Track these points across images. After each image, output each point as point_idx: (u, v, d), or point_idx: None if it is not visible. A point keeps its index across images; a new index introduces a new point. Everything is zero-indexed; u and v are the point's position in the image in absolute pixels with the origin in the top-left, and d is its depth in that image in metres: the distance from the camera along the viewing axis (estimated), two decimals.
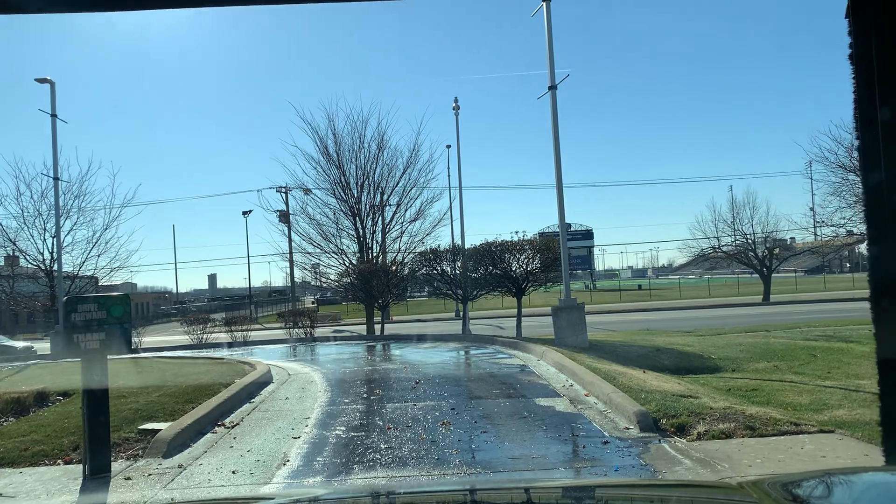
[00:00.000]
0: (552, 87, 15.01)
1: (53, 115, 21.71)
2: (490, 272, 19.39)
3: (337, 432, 7.53)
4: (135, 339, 23.97)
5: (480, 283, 20.33)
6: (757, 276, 42.07)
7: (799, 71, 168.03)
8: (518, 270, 18.88)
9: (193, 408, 8.73)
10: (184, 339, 24.54)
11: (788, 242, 49.23)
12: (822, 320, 23.41)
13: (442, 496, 2.50)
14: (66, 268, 24.89)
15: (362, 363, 14.43)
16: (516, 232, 20.66)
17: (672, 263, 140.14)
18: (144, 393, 9.93)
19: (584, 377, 9.82)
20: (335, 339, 22.57)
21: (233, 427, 8.07)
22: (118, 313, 6.05)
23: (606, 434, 6.99)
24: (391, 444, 6.86)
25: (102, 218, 25.64)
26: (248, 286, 76.83)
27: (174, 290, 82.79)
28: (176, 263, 79.06)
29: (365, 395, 9.92)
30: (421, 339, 19.59)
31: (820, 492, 1.93)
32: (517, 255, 18.70)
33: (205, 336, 23.84)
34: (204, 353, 19.64)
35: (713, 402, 8.00)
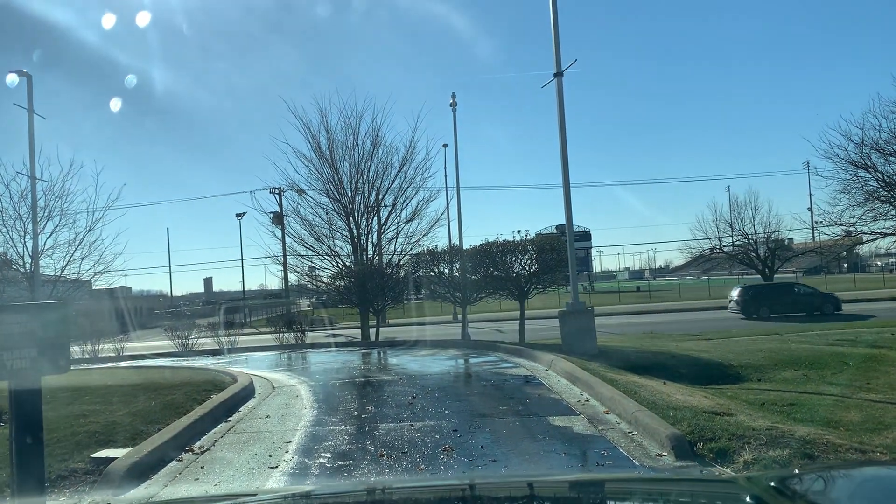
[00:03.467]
0: (558, 74, 13.96)
1: (30, 111, 20.60)
2: (490, 274, 18.37)
3: (321, 461, 6.48)
4: (117, 346, 22.87)
5: (480, 285, 19.30)
6: (758, 276, 41.09)
7: (801, 66, 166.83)
8: (520, 272, 17.86)
9: (160, 429, 7.70)
10: (172, 344, 23.44)
11: (786, 243, 48.25)
12: (833, 322, 22.51)
13: (441, 490, 2.36)
14: (49, 271, 23.79)
15: (354, 373, 13.36)
16: (518, 231, 19.59)
17: (669, 264, 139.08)
18: (108, 411, 8.88)
19: (600, 391, 8.80)
20: (328, 345, 21.51)
21: (202, 453, 7.02)
22: (54, 326, 4.99)
23: (636, 462, 5.98)
24: (384, 476, 5.84)
25: (85, 219, 24.48)
26: (242, 289, 75.47)
27: (169, 294, 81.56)
28: (170, 267, 77.85)
29: (355, 414, 8.86)
30: (418, 344, 18.54)
31: (819, 486, 1.93)
32: (519, 256, 17.68)
33: (191, 343, 22.72)
34: (188, 361, 18.56)
35: (752, 420, 7.01)
